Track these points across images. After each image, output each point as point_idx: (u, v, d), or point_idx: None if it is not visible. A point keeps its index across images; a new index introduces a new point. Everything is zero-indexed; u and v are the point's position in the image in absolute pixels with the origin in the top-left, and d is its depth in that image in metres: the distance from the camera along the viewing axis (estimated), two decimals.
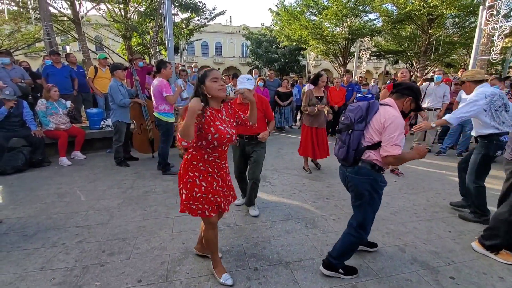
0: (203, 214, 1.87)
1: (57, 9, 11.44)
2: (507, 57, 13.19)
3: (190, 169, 1.85)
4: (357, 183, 1.97)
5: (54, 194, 3.55)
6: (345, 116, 2.02)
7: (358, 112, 1.94)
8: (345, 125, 1.99)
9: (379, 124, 1.86)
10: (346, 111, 2.08)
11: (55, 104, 4.74)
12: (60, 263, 2.21)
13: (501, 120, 2.77)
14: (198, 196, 1.83)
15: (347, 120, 1.98)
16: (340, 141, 2.03)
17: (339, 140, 2.05)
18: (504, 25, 6.40)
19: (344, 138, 1.98)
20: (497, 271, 2.19)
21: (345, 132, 1.98)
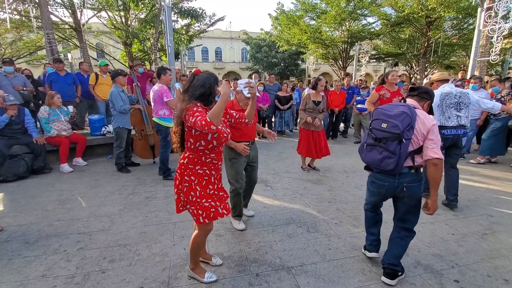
0: (198, 221, 1.89)
1: (58, 17, 11.58)
2: (506, 58, 13.20)
3: (187, 173, 1.87)
4: (417, 190, 1.94)
5: (55, 201, 3.54)
6: (391, 124, 1.85)
7: (405, 119, 1.83)
8: (393, 134, 1.84)
9: (425, 128, 1.84)
10: (382, 116, 1.93)
11: (57, 111, 4.77)
12: (61, 271, 2.20)
13: (447, 115, 3.22)
14: (194, 200, 1.87)
15: (396, 129, 1.83)
16: (387, 151, 1.87)
17: (384, 150, 1.89)
18: (502, 26, 6.43)
19: (394, 149, 1.84)
20: (502, 274, 2.16)
21: (394, 142, 1.84)
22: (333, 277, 2.12)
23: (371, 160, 1.99)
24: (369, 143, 2.01)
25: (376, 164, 1.96)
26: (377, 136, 1.94)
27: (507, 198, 3.65)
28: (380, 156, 1.92)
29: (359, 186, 4.04)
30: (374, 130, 1.97)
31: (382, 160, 1.91)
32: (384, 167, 1.90)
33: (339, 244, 2.55)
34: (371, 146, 1.99)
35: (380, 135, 1.93)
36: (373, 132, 1.98)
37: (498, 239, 2.67)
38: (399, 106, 1.93)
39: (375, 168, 2.02)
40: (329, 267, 2.23)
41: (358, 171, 4.73)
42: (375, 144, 1.96)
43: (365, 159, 2.05)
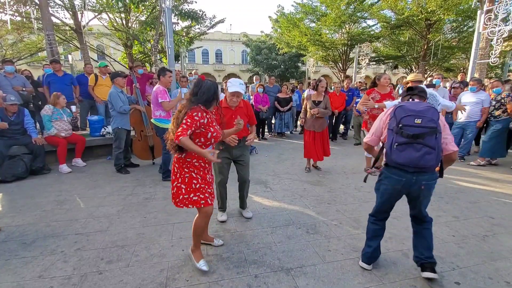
0: (207, 203, 2.11)
1: (59, 19, 11.61)
2: (506, 60, 13.23)
3: (185, 165, 2.09)
4: (432, 186, 1.97)
5: (53, 201, 3.53)
6: (427, 118, 1.81)
7: (434, 112, 1.83)
8: (430, 128, 1.80)
9: (442, 124, 1.90)
10: (412, 112, 1.86)
11: (60, 110, 4.81)
12: (58, 271, 2.18)
13: None
14: (198, 187, 2.09)
15: (432, 122, 1.80)
16: (426, 146, 1.80)
17: (423, 146, 1.81)
18: (502, 28, 6.44)
19: (433, 144, 1.80)
20: (503, 276, 2.14)
21: (432, 137, 1.80)
22: (332, 278, 2.09)
23: (407, 160, 1.85)
24: (401, 141, 1.86)
25: (414, 162, 1.83)
26: (413, 132, 1.82)
27: (507, 200, 3.63)
28: (418, 154, 1.81)
29: (358, 188, 4.02)
30: (407, 127, 1.84)
31: (421, 157, 1.81)
32: (425, 164, 1.82)
33: (339, 246, 2.53)
34: (405, 145, 1.85)
35: (416, 131, 1.82)
36: (406, 130, 1.84)
37: (499, 241, 2.65)
38: (420, 103, 1.94)
39: (410, 168, 1.88)
40: (329, 268, 2.21)
41: (358, 173, 4.71)
42: (411, 141, 1.84)
43: (399, 160, 1.88)
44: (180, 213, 3.18)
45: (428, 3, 11.67)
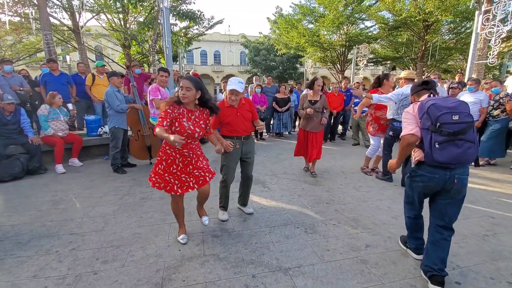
0: (159, 188, 2.34)
1: (57, 19, 11.56)
2: (504, 61, 13.28)
3: (162, 150, 2.34)
4: (465, 183, 1.93)
5: (49, 201, 3.48)
6: (463, 114, 1.82)
7: (467, 107, 1.87)
8: (468, 123, 1.82)
9: None
10: (447, 109, 1.83)
11: (57, 110, 4.75)
12: (53, 271, 2.14)
13: (400, 112, 3.79)
14: (158, 171, 2.34)
15: (469, 117, 1.83)
16: (468, 141, 1.82)
17: (465, 141, 1.82)
18: (501, 29, 6.45)
19: (473, 138, 1.82)
20: (505, 276, 2.11)
21: (470, 131, 1.83)
22: (331, 278, 2.06)
23: (450, 158, 1.83)
24: (441, 140, 1.83)
25: (458, 159, 1.83)
26: (453, 130, 1.81)
27: (507, 199, 3.62)
28: (460, 150, 1.82)
29: (357, 188, 4.00)
30: (446, 125, 1.82)
31: (464, 153, 1.82)
32: (467, 159, 1.84)
33: (338, 245, 2.50)
34: (446, 143, 1.83)
35: (456, 128, 1.81)
36: (446, 128, 1.82)
37: (500, 240, 2.63)
38: (448, 98, 1.94)
39: (452, 164, 1.87)
40: (327, 268, 2.18)
41: (356, 173, 4.69)
42: (452, 139, 1.82)
43: (442, 158, 1.84)
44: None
45: (426, 4, 11.72)
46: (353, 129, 7.27)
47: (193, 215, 3.10)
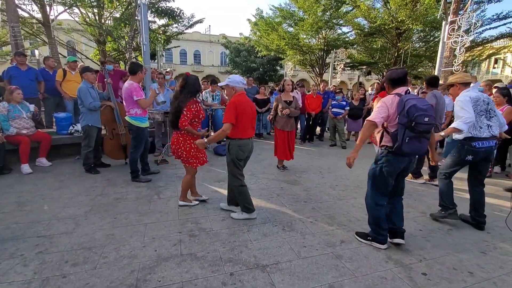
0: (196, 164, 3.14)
1: (26, 11, 10.89)
2: (468, 69, 14.24)
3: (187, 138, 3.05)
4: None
5: (14, 203, 3.27)
6: (430, 117, 2.15)
7: (432, 110, 2.27)
8: (433, 124, 2.23)
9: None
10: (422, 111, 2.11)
11: (18, 106, 4.43)
12: (17, 276, 2.01)
13: (479, 125, 2.76)
14: (192, 154, 3.08)
15: (434, 120, 2.20)
16: (426, 139, 2.27)
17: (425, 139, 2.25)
18: (465, 39, 6.92)
19: (429, 136, 2.30)
20: (467, 267, 2.26)
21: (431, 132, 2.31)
22: (307, 273, 2.11)
23: (412, 150, 2.24)
24: (411, 136, 2.19)
25: (417, 152, 2.31)
26: (423, 129, 2.15)
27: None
28: (420, 145, 2.25)
29: (333, 187, 4.12)
30: (419, 125, 2.12)
31: (422, 147, 2.28)
32: (423, 152, 2.37)
33: (314, 242, 2.56)
34: (414, 139, 2.20)
35: (425, 128, 2.16)
36: (418, 127, 2.13)
37: (463, 234, 2.82)
38: (423, 100, 2.26)
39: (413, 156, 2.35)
40: (304, 264, 2.23)
41: (333, 172, 4.82)
42: (418, 136, 2.20)
43: (407, 150, 2.23)
44: (153, 213, 3.08)
45: (398, 13, 12.32)
46: (330, 130, 7.46)
47: (170, 214, 3.05)
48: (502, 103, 4.55)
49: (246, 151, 2.89)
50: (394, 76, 2.37)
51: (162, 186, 3.93)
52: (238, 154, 2.84)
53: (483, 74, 31.09)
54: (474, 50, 15.77)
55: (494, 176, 4.80)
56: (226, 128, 2.72)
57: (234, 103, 2.74)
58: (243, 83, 2.88)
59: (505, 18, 12.31)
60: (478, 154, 2.78)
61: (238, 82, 2.85)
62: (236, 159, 2.85)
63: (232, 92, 2.86)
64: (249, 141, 2.91)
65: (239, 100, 2.77)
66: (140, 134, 3.91)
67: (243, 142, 2.84)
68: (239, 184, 2.91)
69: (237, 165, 2.89)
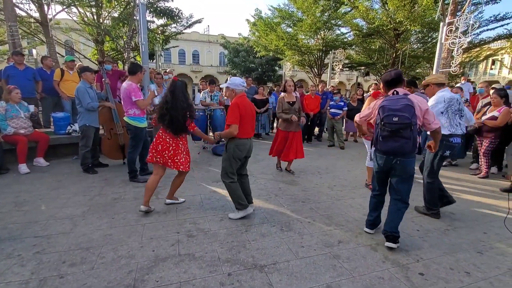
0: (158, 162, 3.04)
1: (24, 10, 10.83)
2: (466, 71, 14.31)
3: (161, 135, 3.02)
4: (407, 163, 2.37)
5: (11, 203, 3.26)
6: (400, 116, 2.22)
7: (410, 109, 2.23)
8: (404, 124, 2.23)
9: (420, 111, 2.31)
10: (390, 111, 2.26)
11: (16, 106, 4.41)
12: (15, 276, 2.01)
13: (455, 123, 3.10)
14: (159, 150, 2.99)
15: (406, 119, 2.22)
16: (403, 138, 2.27)
17: (402, 138, 2.27)
18: (462, 40, 6.95)
19: (408, 135, 2.25)
20: (463, 267, 2.28)
21: (406, 130, 2.24)
22: (305, 273, 2.12)
23: (389, 149, 2.35)
24: (384, 135, 2.33)
25: (395, 151, 2.34)
26: (393, 128, 2.27)
27: (466, 197, 3.90)
28: (397, 144, 2.30)
29: (331, 187, 4.13)
30: (388, 125, 2.28)
31: (400, 146, 2.29)
32: (404, 151, 2.31)
33: (312, 242, 2.57)
34: (387, 138, 2.33)
35: (395, 127, 2.26)
36: (388, 126, 2.28)
37: (459, 234, 2.83)
38: (400, 99, 2.29)
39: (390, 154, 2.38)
40: (302, 264, 2.23)
41: (331, 173, 4.84)
42: (391, 135, 2.30)
43: (382, 149, 2.39)
44: (151, 213, 3.07)
45: (396, 14, 12.36)
46: (329, 131, 7.48)
47: (168, 215, 3.05)
48: (499, 104, 4.59)
49: (244, 150, 2.94)
50: (387, 78, 2.48)
51: (160, 186, 3.91)
52: (235, 153, 2.90)
53: (481, 75, 31.25)
54: (471, 51, 15.87)
55: (491, 176, 4.83)
56: (234, 129, 2.80)
57: (236, 104, 2.85)
58: (243, 85, 2.98)
59: (503, 20, 12.38)
60: (454, 149, 3.10)
61: (238, 84, 2.95)
62: (232, 157, 2.90)
63: (233, 94, 2.97)
64: (248, 141, 2.96)
65: (241, 102, 2.88)
66: (139, 134, 3.90)
67: (242, 141, 2.90)
68: (229, 181, 2.96)
69: (232, 164, 2.93)
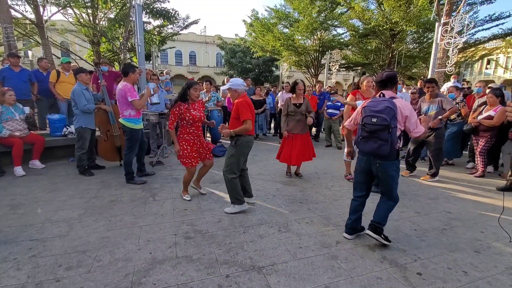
0: (190, 165, 3.32)
1: (19, 12, 10.76)
2: (461, 70, 14.41)
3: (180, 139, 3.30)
4: (386, 167, 2.37)
5: (6, 206, 3.22)
6: (379, 118, 2.24)
7: (390, 112, 2.23)
8: (382, 125, 2.23)
9: (402, 116, 2.29)
10: (371, 112, 2.30)
11: (11, 108, 4.37)
12: (10, 280, 1.98)
13: None
14: (186, 154, 3.28)
15: (384, 121, 2.22)
16: (380, 140, 2.26)
17: (377, 139, 2.28)
18: (457, 40, 7.01)
19: (386, 137, 2.23)
20: (461, 266, 2.28)
21: (384, 132, 2.23)
22: (303, 274, 2.11)
23: (367, 149, 2.37)
24: (364, 135, 2.37)
25: (373, 152, 2.33)
26: (370, 129, 2.30)
27: (463, 196, 3.92)
28: (375, 145, 2.30)
29: (329, 187, 4.13)
30: (367, 125, 2.32)
31: (378, 148, 2.28)
32: (381, 153, 2.28)
33: (310, 243, 2.57)
34: (366, 138, 2.35)
35: (373, 128, 2.29)
36: (367, 127, 2.32)
37: (457, 233, 2.84)
38: (382, 101, 2.31)
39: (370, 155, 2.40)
40: (300, 265, 2.23)
41: (328, 173, 4.84)
42: (369, 136, 2.32)
43: (361, 149, 2.44)
44: (148, 215, 3.06)
45: (392, 15, 12.44)
46: (326, 131, 7.50)
47: (166, 216, 3.03)
48: (495, 104, 4.62)
49: (251, 146, 3.15)
50: (377, 79, 2.52)
51: (157, 188, 3.91)
52: (246, 149, 3.08)
53: (476, 75, 31.52)
54: (467, 51, 15.98)
55: (487, 175, 4.87)
56: (249, 125, 2.95)
57: (245, 101, 2.99)
58: (244, 85, 3.08)
59: (497, 19, 12.52)
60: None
61: (239, 85, 3.05)
62: (242, 153, 3.07)
63: (235, 95, 3.07)
64: (253, 137, 3.23)
65: (247, 100, 3.02)
66: (134, 135, 3.88)
67: (250, 138, 3.10)
68: (232, 176, 3.05)
69: (240, 159, 3.08)
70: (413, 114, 2.33)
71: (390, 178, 2.42)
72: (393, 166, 2.40)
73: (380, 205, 2.55)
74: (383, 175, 2.42)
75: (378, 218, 2.49)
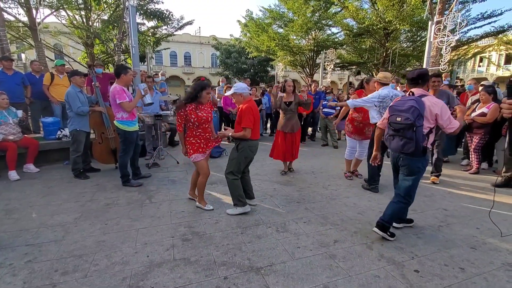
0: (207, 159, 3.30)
1: (12, 15, 10.63)
2: (454, 68, 14.54)
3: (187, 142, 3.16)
4: (408, 162, 2.47)
5: (1, 211, 3.18)
6: (403, 117, 2.34)
7: (414, 111, 2.30)
8: (407, 125, 2.32)
9: (432, 114, 2.36)
10: (395, 111, 2.42)
11: (4, 112, 4.31)
12: (6, 286, 1.96)
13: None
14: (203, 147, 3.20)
15: (407, 120, 2.32)
16: (405, 138, 2.36)
17: (402, 137, 2.38)
18: (450, 38, 7.07)
19: (410, 136, 2.33)
20: (457, 263, 2.30)
21: (409, 131, 2.32)
22: (301, 274, 2.11)
23: (393, 147, 2.49)
24: (390, 133, 2.50)
25: (398, 149, 2.44)
26: (396, 128, 2.42)
27: (458, 192, 3.96)
28: (401, 143, 2.40)
29: (326, 186, 4.14)
30: (393, 124, 2.45)
31: (403, 145, 2.39)
32: (405, 151, 2.39)
33: (308, 242, 2.57)
34: (393, 136, 2.47)
35: (397, 127, 2.40)
36: (392, 125, 2.46)
37: (453, 230, 2.87)
38: (408, 100, 2.38)
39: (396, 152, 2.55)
40: (298, 265, 2.23)
41: (325, 172, 4.86)
42: (395, 134, 2.44)
43: (389, 146, 2.56)
44: (145, 217, 3.04)
45: (386, 14, 12.52)
46: (322, 130, 7.52)
47: (163, 219, 3.01)
48: (488, 101, 4.67)
49: (255, 151, 3.14)
50: (408, 77, 2.65)
51: (153, 190, 3.89)
52: (248, 154, 3.08)
53: (469, 72, 31.86)
54: (459, 49, 16.14)
55: (481, 172, 4.92)
56: (248, 133, 2.96)
57: (250, 108, 2.97)
58: (248, 89, 3.10)
59: (490, 17, 12.65)
60: None
61: (244, 88, 3.06)
62: (244, 158, 3.08)
63: (241, 99, 3.07)
64: (258, 142, 3.18)
65: (252, 106, 3.02)
66: (128, 138, 3.85)
67: (254, 143, 3.10)
68: (233, 178, 3.10)
69: (241, 163, 3.09)
70: (444, 110, 2.36)
71: (412, 174, 2.48)
72: (418, 163, 2.45)
73: (390, 203, 2.62)
74: (404, 170, 2.52)
75: (386, 215, 2.58)
